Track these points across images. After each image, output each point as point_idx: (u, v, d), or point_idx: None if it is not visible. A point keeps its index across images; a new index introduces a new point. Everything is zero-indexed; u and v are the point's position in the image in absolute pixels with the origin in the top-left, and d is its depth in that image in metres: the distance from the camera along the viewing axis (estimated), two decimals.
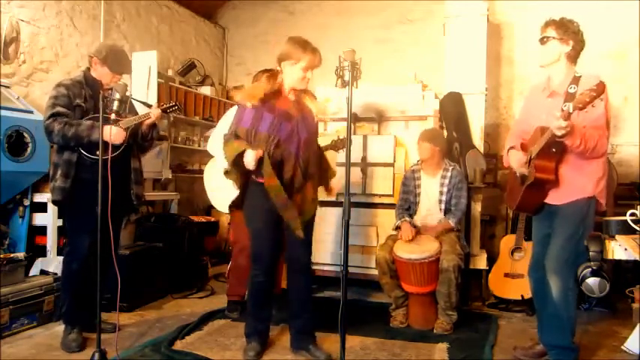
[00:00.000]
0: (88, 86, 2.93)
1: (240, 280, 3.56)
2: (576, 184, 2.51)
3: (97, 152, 2.81)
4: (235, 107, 3.57)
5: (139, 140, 3.05)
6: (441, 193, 3.49)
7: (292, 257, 2.82)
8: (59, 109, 2.81)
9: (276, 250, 2.80)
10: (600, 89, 2.14)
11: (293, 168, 2.63)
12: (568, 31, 2.52)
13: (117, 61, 2.94)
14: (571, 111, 2.19)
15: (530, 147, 2.56)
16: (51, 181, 2.89)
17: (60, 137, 2.79)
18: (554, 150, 2.43)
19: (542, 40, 2.57)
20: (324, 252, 4.09)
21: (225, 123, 3.57)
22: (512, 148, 2.72)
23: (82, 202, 2.84)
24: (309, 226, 2.74)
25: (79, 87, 2.91)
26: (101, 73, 2.94)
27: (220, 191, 3.56)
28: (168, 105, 3.11)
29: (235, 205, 3.35)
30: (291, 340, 2.85)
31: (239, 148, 2.56)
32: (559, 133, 2.27)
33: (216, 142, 3.55)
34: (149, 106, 3.10)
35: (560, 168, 2.52)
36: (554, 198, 2.58)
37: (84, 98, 2.90)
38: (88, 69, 3.00)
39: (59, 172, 2.86)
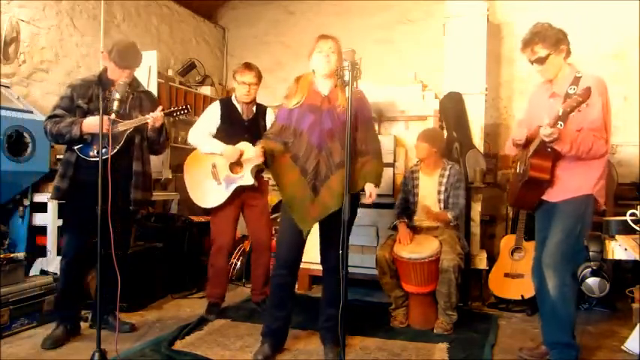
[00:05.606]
0: (100, 85, 2.88)
1: (217, 282, 3.52)
2: (573, 182, 2.52)
3: (91, 153, 2.84)
4: (217, 102, 3.55)
5: (148, 144, 3.02)
6: (439, 192, 3.48)
7: (322, 256, 2.82)
8: (57, 111, 2.86)
9: (295, 247, 2.73)
10: (585, 95, 2.18)
11: (316, 158, 2.64)
12: (557, 41, 2.49)
13: (121, 55, 2.84)
14: (560, 114, 2.23)
15: (530, 144, 2.57)
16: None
17: (50, 136, 2.85)
18: (549, 150, 2.44)
19: (541, 61, 2.52)
20: None
21: (207, 116, 3.47)
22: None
23: (76, 203, 2.87)
24: (335, 224, 2.38)
25: (87, 86, 2.90)
26: (110, 68, 2.91)
27: (201, 187, 3.48)
28: (175, 108, 2.99)
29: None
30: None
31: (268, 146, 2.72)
32: (546, 140, 2.33)
33: (196, 132, 3.43)
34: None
35: (557, 166, 2.53)
36: (551, 195, 2.59)
37: (89, 98, 2.87)
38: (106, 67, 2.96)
39: (59, 171, 2.90)
